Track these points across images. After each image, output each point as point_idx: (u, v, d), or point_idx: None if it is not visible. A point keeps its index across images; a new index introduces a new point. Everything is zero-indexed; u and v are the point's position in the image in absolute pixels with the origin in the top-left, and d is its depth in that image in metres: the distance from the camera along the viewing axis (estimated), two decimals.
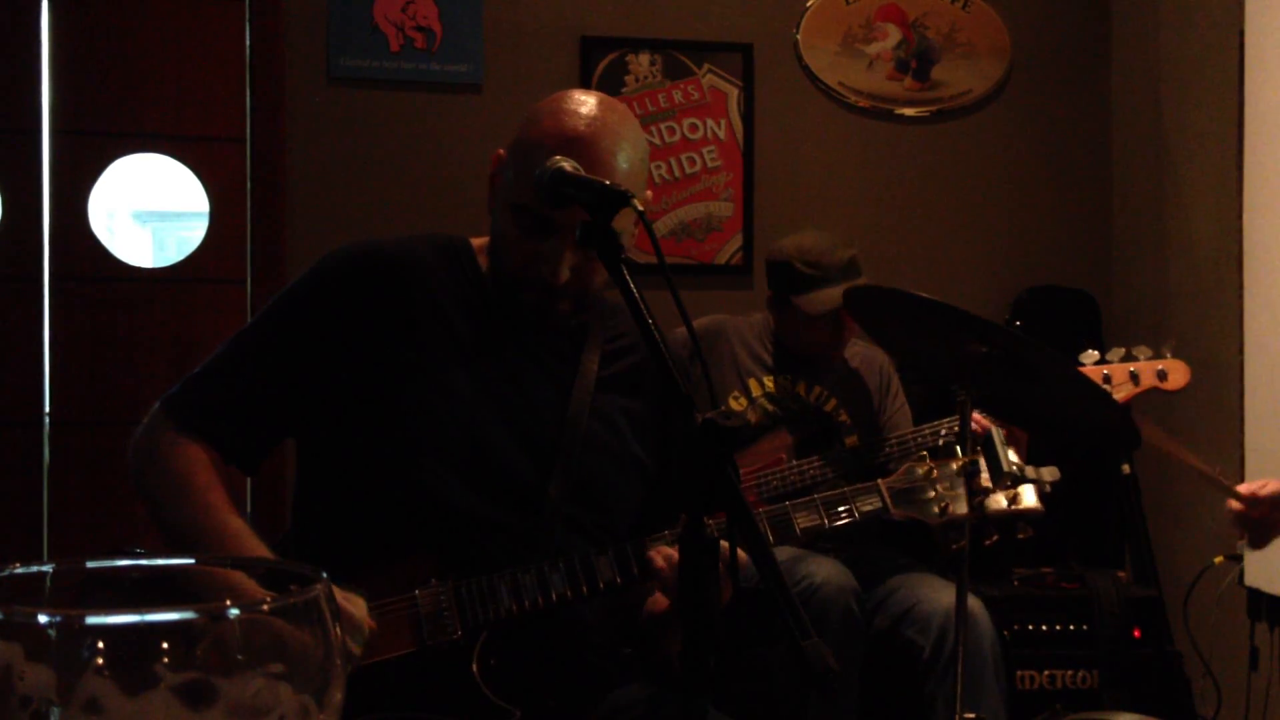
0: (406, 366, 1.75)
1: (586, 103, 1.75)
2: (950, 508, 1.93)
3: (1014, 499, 1.98)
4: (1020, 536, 2.02)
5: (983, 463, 1.96)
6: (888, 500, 1.91)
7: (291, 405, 1.78)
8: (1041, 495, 2.01)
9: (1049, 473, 2.02)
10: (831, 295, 2.99)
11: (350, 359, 1.75)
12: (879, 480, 1.93)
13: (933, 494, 1.93)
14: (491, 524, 1.74)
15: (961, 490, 1.94)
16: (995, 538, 2.03)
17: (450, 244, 1.87)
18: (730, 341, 3.19)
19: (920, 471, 1.94)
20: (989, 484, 1.95)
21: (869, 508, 1.89)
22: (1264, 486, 2.25)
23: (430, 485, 1.72)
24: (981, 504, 1.94)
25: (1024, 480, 1.98)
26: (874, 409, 3.17)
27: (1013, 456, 1.99)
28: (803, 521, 1.84)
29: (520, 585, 1.71)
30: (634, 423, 1.88)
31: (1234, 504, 2.28)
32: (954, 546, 2.09)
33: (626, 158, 1.73)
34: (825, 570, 2.81)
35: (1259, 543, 2.32)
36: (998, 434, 2.00)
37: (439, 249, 1.86)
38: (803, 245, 3.09)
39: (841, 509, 1.88)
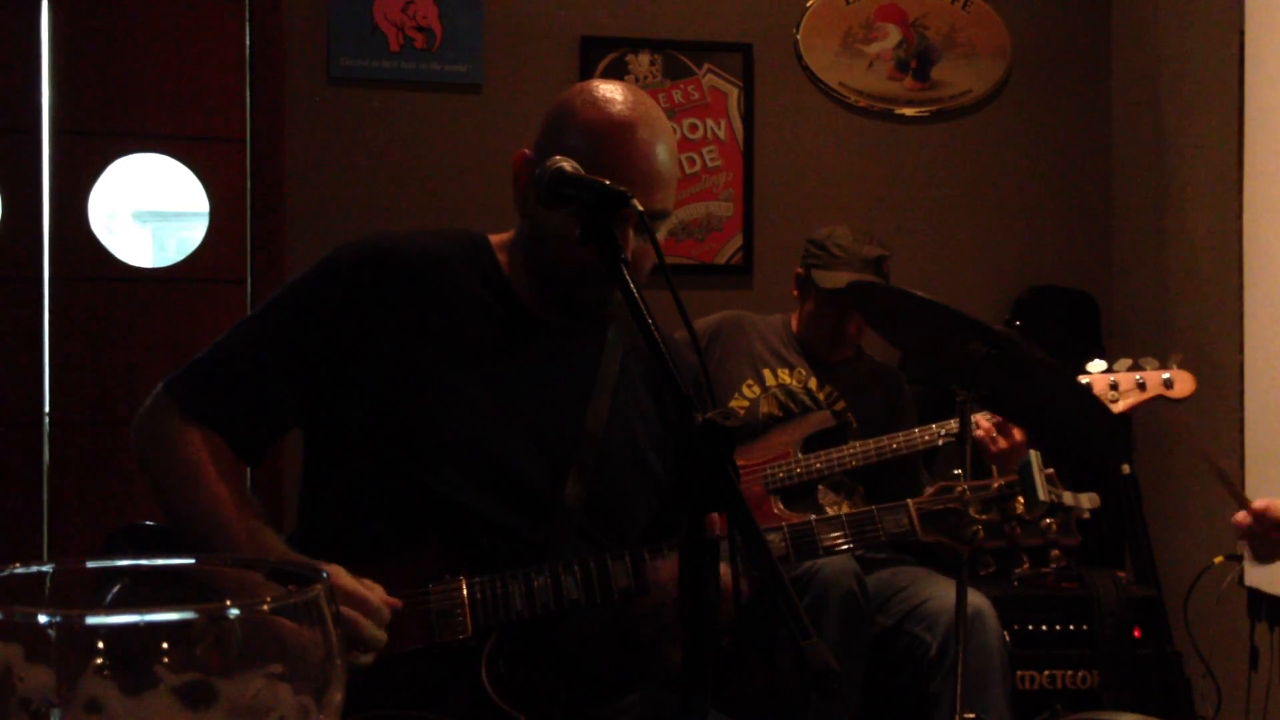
0: (422, 365, 1.73)
1: (620, 90, 1.75)
2: (980, 534, 1.84)
3: (1049, 528, 1.87)
4: (1052, 566, 1.92)
5: (1019, 488, 1.87)
6: (916, 523, 1.84)
7: (299, 397, 1.75)
8: (1079, 523, 1.90)
9: (1088, 499, 1.89)
10: (848, 277, 3.12)
11: (363, 354, 1.72)
12: (909, 500, 1.86)
13: (964, 518, 1.85)
14: (504, 529, 1.72)
15: (995, 516, 1.86)
16: (1026, 565, 1.92)
17: (470, 241, 1.85)
18: (749, 333, 3.29)
19: (953, 494, 1.86)
20: (1024, 511, 1.86)
21: (897, 529, 1.84)
22: (1272, 506, 2.21)
23: (443, 488, 1.70)
24: (1015, 532, 1.85)
25: (1061, 509, 1.87)
26: (881, 418, 3.20)
27: (1050, 484, 1.88)
28: (827, 539, 1.81)
29: (533, 588, 1.70)
30: (650, 430, 1.86)
31: (1241, 516, 2.24)
32: (982, 572, 2.02)
33: (665, 148, 1.73)
34: None
35: (1264, 558, 2.28)
36: (1036, 459, 1.89)
37: (459, 246, 1.83)
38: (838, 232, 3.27)
39: (868, 528, 1.83)
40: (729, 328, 3.29)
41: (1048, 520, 1.87)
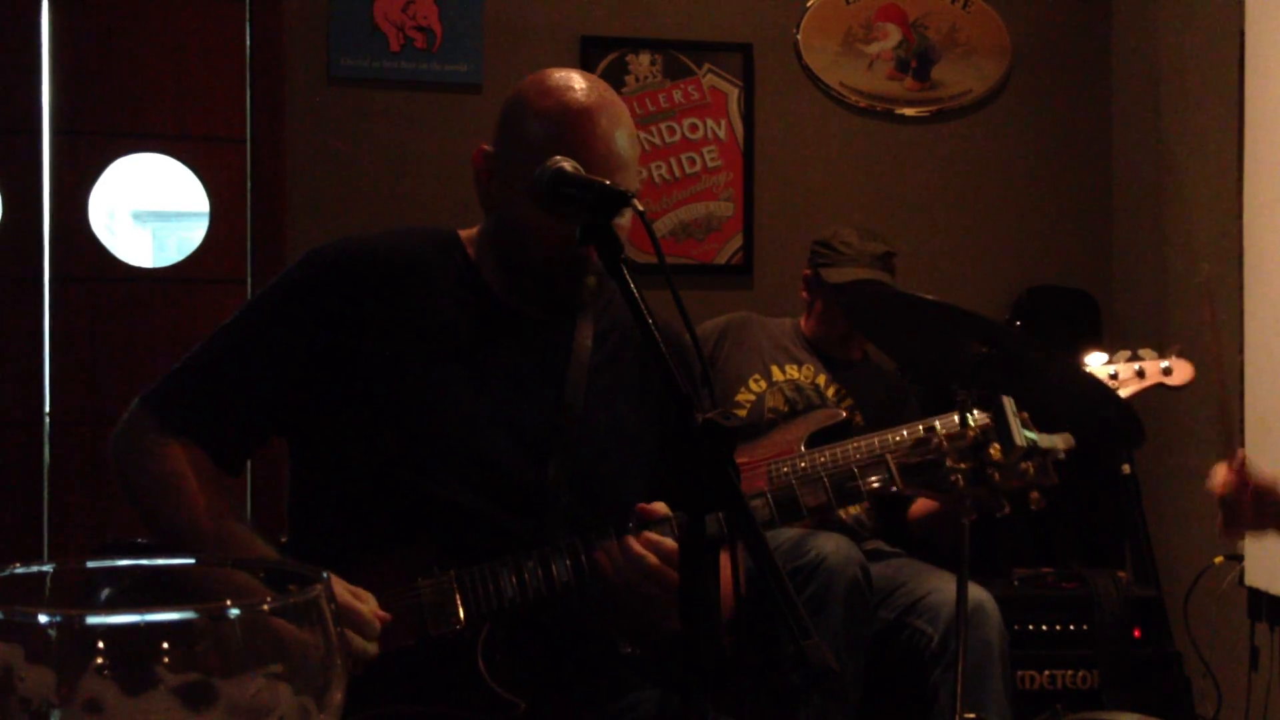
0: (400, 363, 1.73)
1: (574, 78, 1.75)
2: (960, 482, 1.85)
3: (1027, 471, 1.87)
4: (1033, 508, 1.92)
5: (994, 434, 1.87)
6: (896, 475, 1.84)
7: (278, 404, 1.75)
8: (1056, 464, 1.90)
9: (1063, 440, 1.90)
10: (856, 272, 3.22)
11: (341, 356, 1.72)
12: (886, 455, 1.86)
13: (942, 468, 1.85)
14: (491, 520, 1.73)
15: (973, 463, 1.86)
16: (1007, 510, 1.92)
17: (440, 237, 1.85)
18: (758, 332, 3.37)
19: (930, 445, 1.86)
20: (1001, 456, 1.86)
21: (877, 483, 1.83)
22: (1252, 470, 2.11)
23: (429, 484, 1.70)
24: (994, 477, 1.86)
25: (1037, 451, 1.87)
26: (887, 418, 3.22)
27: (1024, 427, 1.89)
28: (809, 499, 1.80)
29: (523, 573, 1.70)
30: (634, 411, 1.85)
31: (1221, 477, 2.12)
32: (964, 520, 2.02)
33: (624, 132, 1.73)
34: (832, 543, 2.83)
35: (1231, 529, 2.17)
36: (1009, 404, 1.89)
37: (430, 243, 1.83)
38: (844, 232, 3.35)
39: (848, 485, 1.82)
40: (738, 326, 3.37)
41: (1025, 464, 1.87)
